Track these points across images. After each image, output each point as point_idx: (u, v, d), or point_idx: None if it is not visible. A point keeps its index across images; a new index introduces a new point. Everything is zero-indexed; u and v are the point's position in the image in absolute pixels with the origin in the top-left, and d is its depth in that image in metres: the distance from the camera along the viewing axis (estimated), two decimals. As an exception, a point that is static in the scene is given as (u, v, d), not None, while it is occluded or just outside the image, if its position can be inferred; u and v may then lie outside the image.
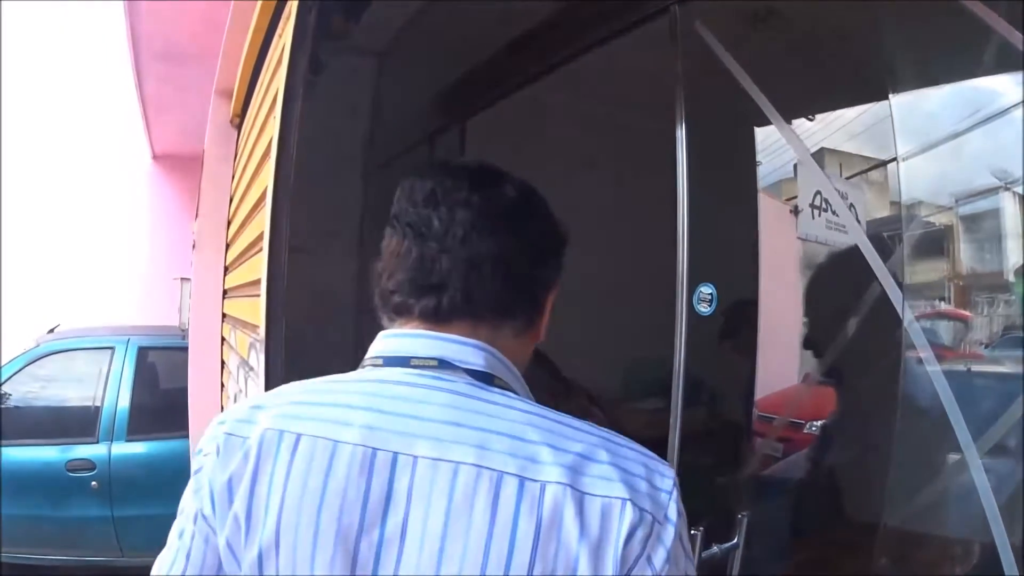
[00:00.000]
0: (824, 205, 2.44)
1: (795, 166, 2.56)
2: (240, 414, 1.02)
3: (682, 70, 2.24)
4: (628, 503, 0.91)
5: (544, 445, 0.93)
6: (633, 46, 2.66)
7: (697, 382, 2.29)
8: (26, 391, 6.12)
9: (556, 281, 1.14)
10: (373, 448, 0.93)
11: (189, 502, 1.01)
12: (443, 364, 1.00)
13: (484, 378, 1.01)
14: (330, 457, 0.93)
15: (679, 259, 2.18)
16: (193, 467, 1.03)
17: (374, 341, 1.07)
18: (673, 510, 0.95)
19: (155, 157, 9.43)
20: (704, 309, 2.18)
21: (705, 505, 2.13)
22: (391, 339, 1.05)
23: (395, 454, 0.93)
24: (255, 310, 2.33)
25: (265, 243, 1.94)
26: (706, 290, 2.18)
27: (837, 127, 2.56)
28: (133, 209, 9.51)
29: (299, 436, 0.95)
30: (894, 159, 2.29)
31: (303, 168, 2.01)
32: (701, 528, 1.99)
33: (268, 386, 1.88)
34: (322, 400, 1.00)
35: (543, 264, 1.12)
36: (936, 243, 2.32)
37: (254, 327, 2.42)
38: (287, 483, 0.93)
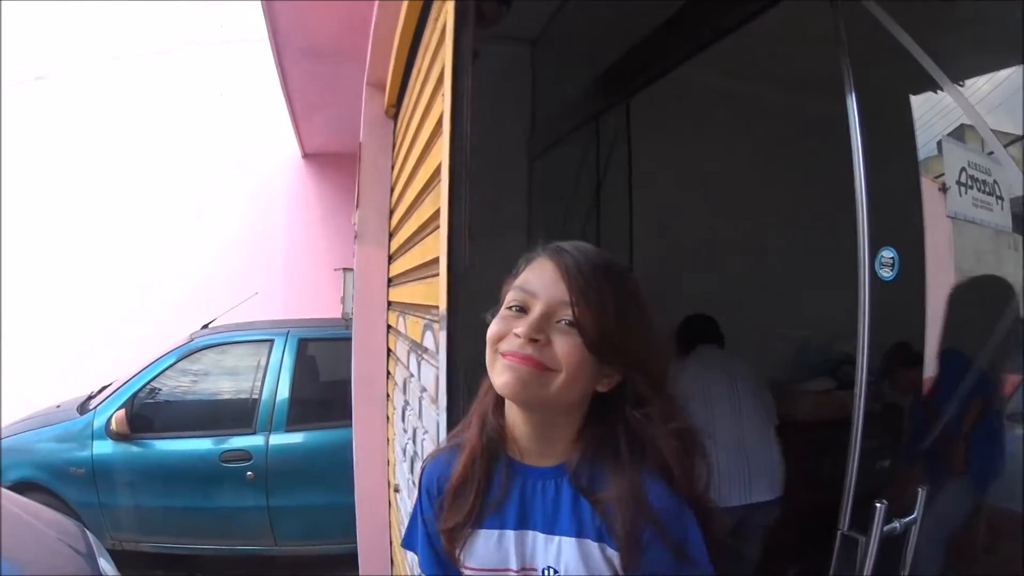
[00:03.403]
0: (969, 182, 2.28)
1: (939, 143, 2.45)
2: None
3: (846, 36, 2.16)
4: None
5: None
6: (790, 15, 2.61)
7: (880, 350, 2.20)
8: (176, 385, 6.25)
9: None
10: None
11: None
12: None
13: None
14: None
15: (859, 223, 2.10)
16: None
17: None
18: None
19: (305, 156, 9.66)
20: (886, 274, 2.09)
21: (887, 479, 2.06)
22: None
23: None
24: (430, 290, 2.35)
25: (443, 218, 1.94)
26: (888, 254, 2.09)
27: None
28: (288, 208, 9.78)
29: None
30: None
31: (472, 152, 2.01)
32: (884, 502, 1.93)
33: (450, 363, 1.88)
34: None
35: None
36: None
37: (429, 308, 2.44)
38: None
